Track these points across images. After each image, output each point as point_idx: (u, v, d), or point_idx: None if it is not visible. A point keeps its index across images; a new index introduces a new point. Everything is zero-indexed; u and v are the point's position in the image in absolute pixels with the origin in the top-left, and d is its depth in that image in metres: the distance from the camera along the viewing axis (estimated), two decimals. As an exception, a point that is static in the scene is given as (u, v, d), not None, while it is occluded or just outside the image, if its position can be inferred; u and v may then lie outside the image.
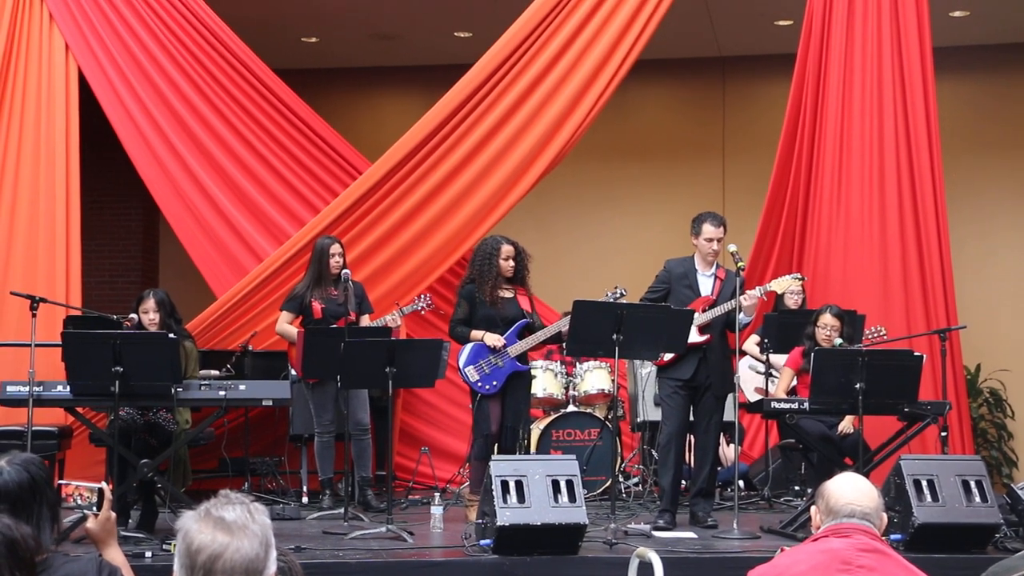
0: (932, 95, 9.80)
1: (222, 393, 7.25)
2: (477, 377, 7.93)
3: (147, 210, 13.01)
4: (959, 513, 6.86)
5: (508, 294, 8.09)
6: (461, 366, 7.98)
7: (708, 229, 7.89)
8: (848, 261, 9.83)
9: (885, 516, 3.65)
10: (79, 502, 3.62)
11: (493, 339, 7.93)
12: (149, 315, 7.61)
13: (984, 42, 12.60)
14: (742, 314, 7.68)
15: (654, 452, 9.06)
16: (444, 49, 12.73)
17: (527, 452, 8.55)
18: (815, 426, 8.28)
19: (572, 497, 6.66)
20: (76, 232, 9.81)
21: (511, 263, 8.06)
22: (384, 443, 8.64)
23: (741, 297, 7.63)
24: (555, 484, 6.68)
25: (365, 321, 8.79)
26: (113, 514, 3.68)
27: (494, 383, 7.93)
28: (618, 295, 8.20)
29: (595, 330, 7.44)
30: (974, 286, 11.91)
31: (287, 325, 8.76)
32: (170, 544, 6.37)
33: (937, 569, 3.89)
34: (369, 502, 8.54)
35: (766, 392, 9.03)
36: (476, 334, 7.98)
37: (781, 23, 12.04)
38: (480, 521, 6.85)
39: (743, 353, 9.06)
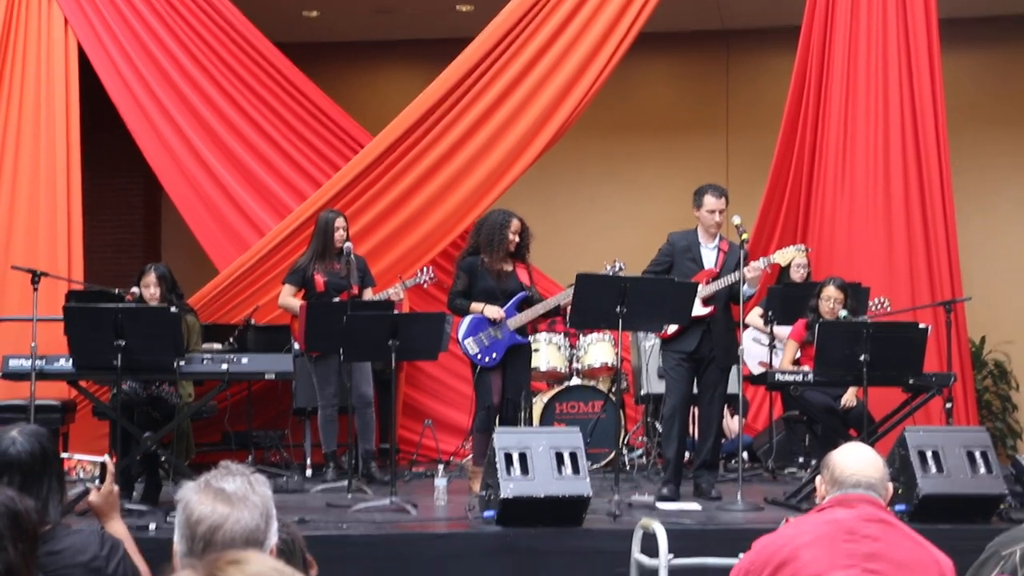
0: (938, 67, 9.76)
1: (224, 366, 7.25)
2: (476, 349, 7.92)
3: (148, 185, 12.95)
4: (964, 484, 6.85)
5: (508, 267, 8.07)
6: (460, 338, 7.97)
7: (709, 200, 7.86)
8: (852, 233, 9.81)
9: (890, 487, 3.65)
10: (82, 475, 3.62)
11: (493, 311, 7.91)
12: (150, 289, 7.61)
13: (988, 13, 12.52)
14: (745, 286, 7.66)
15: (658, 424, 9.05)
16: (445, 22, 12.66)
17: (529, 424, 8.54)
18: (819, 398, 8.27)
19: (576, 469, 6.65)
20: (77, 206, 9.79)
21: (516, 238, 8.04)
22: (387, 416, 8.66)
23: (744, 269, 7.60)
24: (559, 456, 6.67)
25: (368, 295, 8.77)
26: (116, 487, 3.68)
27: (493, 355, 7.92)
28: (617, 269, 8.18)
29: (598, 303, 7.43)
30: (978, 259, 11.85)
31: (290, 298, 8.75)
32: (174, 516, 6.37)
33: (942, 540, 3.87)
34: (373, 475, 8.54)
35: (770, 364, 9.02)
36: (476, 306, 7.97)
37: (785, -6, 11.96)
38: (484, 493, 6.85)
39: (746, 325, 9.04)
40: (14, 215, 9.68)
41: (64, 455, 3.76)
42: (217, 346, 8.86)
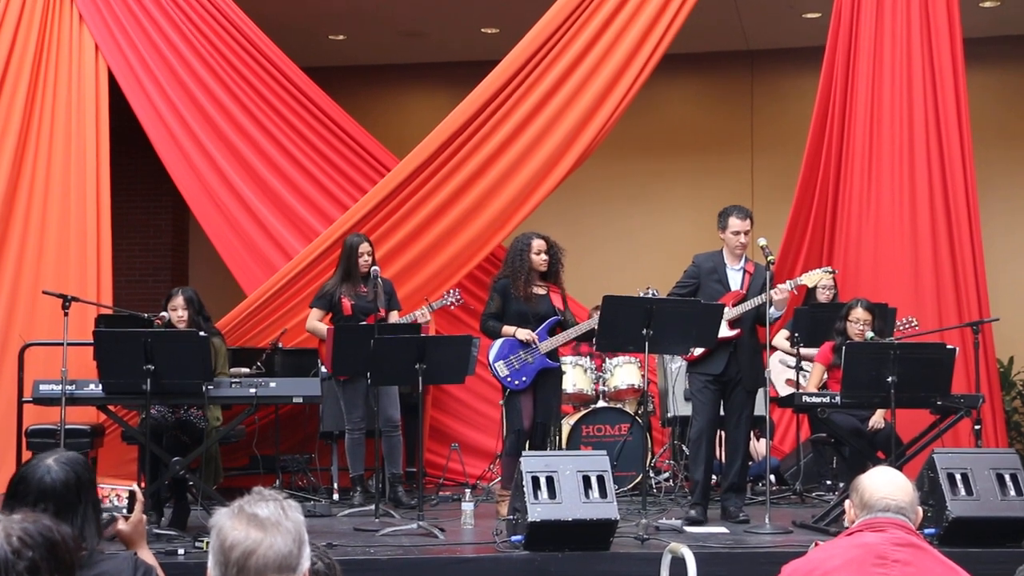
0: (963, 87, 9.72)
1: (252, 390, 7.28)
2: (507, 372, 7.92)
3: (177, 209, 13.06)
4: (993, 507, 6.80)
5: (541, 291, 8.06)
6: (491, 361, 7.96)
7: (734, 222, 7.86)
8: (879, 254, 9.77)
9: (920, 510, 3.63)
10: (115, 503, 3.64)
11: (525, 334, 7.90)
12: (178, 312, 7.65)
13: (1014, 32, 12.49)
14: (772, 308, 7.64)
15: (684, 447, 9.03)
16: (471, 45, 12.73)
17: (559, 448, 8.54)
18: (847, 420, 8.23)
19: (603, 493, 6.64)
20: (107, 231, 9.86)
21: (543, 257, 8.02)
22: (414, 440, 8.66)
23: (772, 291, 7.60)
24: (586, 480, 6.66)
25: (394, 318, 8.79)
26: (144, 516, 3.70)
27: (523, 379, 7.91)
28: (651, 296, 8.17)
29: (625, 325, 7.44)
30: (1005, 279, 11.81)
31: (317, 322, 8.78)
32: (202, 541, 6.39)
33: (972, 563, 3.86)
34: (400, 499, 8.55)
35: (797, 386, 8.99)
36: (507, 329, 7.96)
37: (809, 16, 11.98)
38: (511, 517, 6.84)
39: (773, 348, 9.02)
40: (45, 240, 9.74)
41: (94, 483, 3.79)
42: (245, 370, 8.89)
